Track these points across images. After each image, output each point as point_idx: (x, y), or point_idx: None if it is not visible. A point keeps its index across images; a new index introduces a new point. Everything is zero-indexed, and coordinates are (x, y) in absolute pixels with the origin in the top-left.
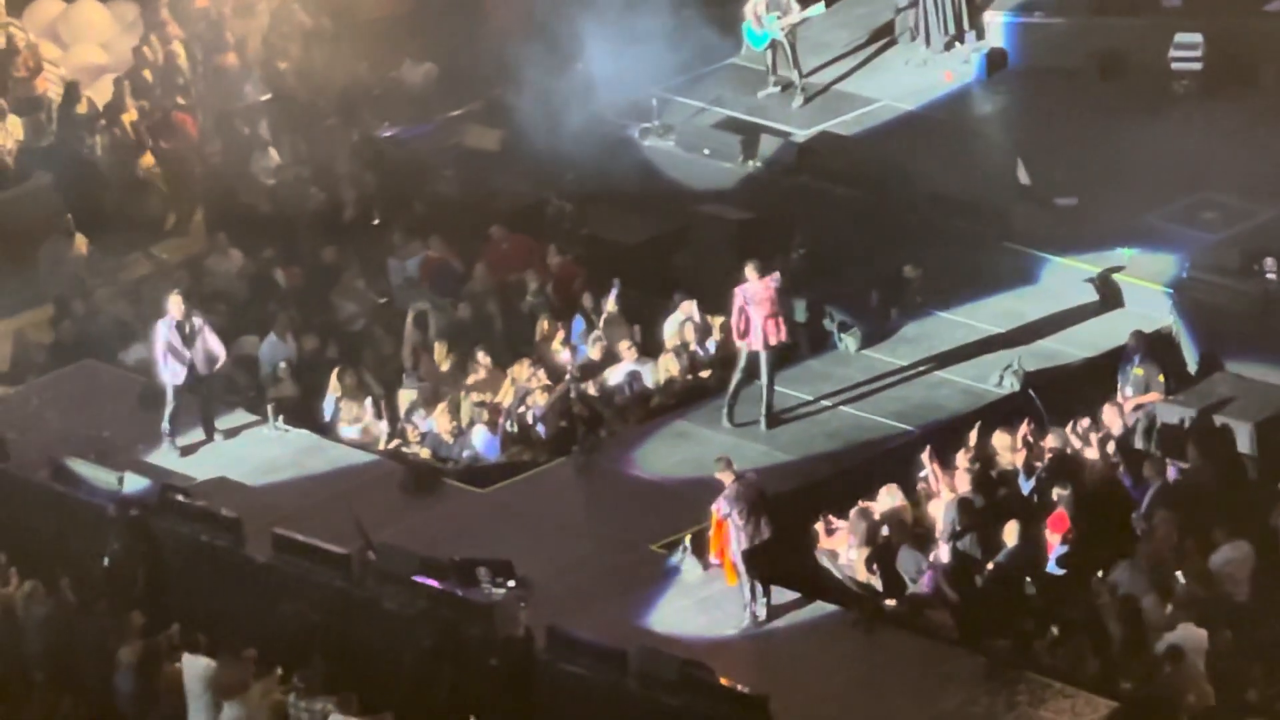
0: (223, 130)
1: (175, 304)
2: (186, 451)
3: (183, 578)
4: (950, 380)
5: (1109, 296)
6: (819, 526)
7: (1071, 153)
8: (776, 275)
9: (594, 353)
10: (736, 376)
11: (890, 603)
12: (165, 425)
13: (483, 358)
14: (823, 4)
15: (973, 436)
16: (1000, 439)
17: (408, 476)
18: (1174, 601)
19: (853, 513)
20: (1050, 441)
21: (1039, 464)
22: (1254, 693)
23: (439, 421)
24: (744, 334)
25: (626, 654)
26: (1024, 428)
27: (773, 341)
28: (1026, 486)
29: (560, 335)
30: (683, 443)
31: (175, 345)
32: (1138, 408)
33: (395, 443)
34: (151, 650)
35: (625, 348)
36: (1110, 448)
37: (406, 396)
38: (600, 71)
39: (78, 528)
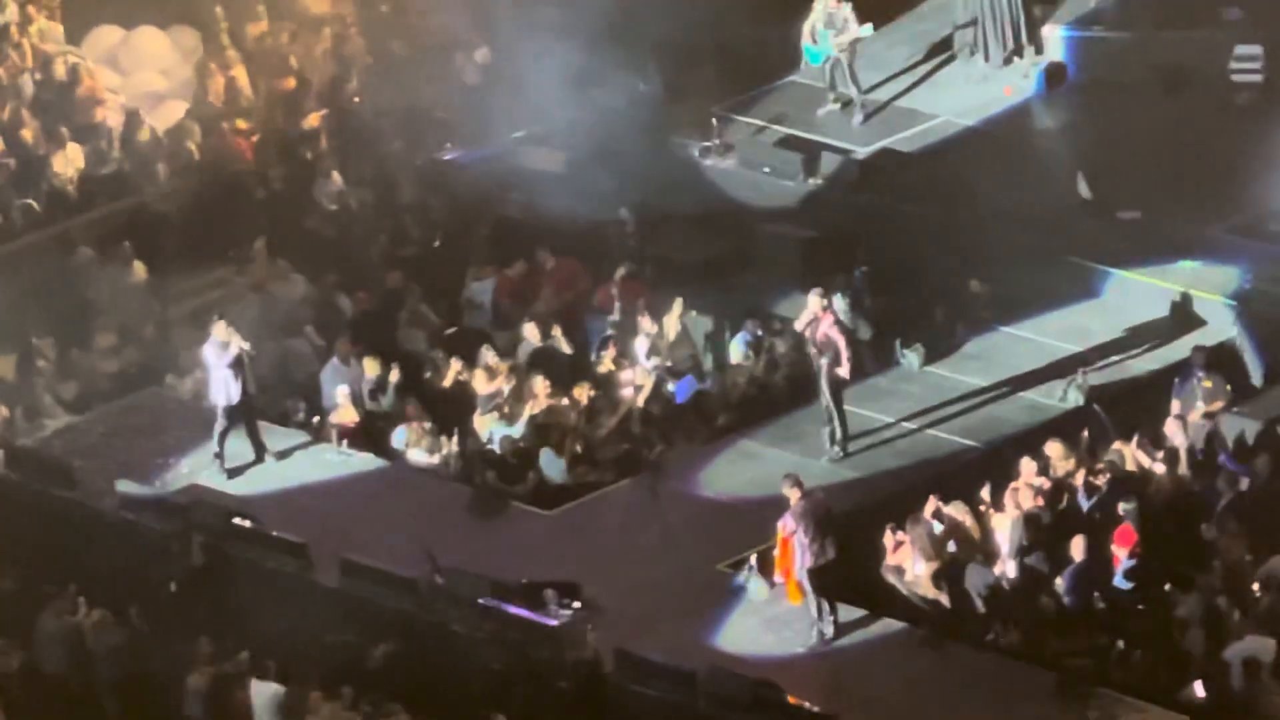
0: (285, 155)
1: (220, 329)
2: (235, 473)
3: (251, 603)
4: (1015, 395)
5: (1186, 318)
6: (887, 539)
7: (1133, 166)
8: (829, 304)
9: (655, 371)
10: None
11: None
12: (215, 447)
13: (543, 380)
14: (870, 25)
15: (1048, 449)
16: (1064, 453)
17: (475, 500)
18: (1246, 612)
19: (910, 521)
20: (1115, 456)
21: (1103, 479)
22: None
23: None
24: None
25: (695, 674)
26: (1088, 443)
27: (837, 371)
28: (1090, 502)
29: (623, 355)
30: (749, 462)
31: (222, 369)
32: (1207, 416)
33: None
34: (221, 677)
35: (687, 367)
36: (1177, 460)
37: (485, 422)
38: (661, 91)
39: (146, 555)
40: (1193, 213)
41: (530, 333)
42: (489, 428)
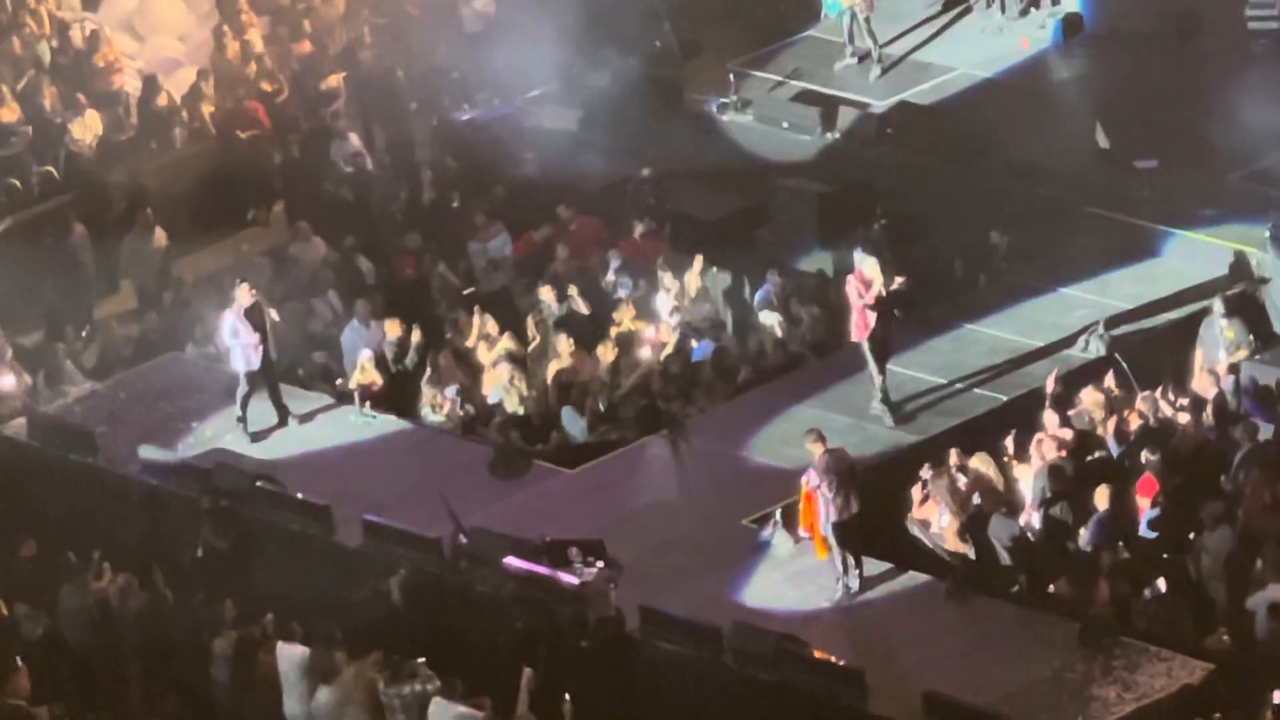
0: (302, 118)
1: (243, 292)
2: (258, 437)
3: (275, 566)
4: (1037, 346)
5: (1241, 272)
6: (918, 486)
7: (1150, 115)
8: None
9: (677, 329)
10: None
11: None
12: (238, 410)
13: (565, 339)
14: None
15: (1079, 397)
16: (1093, 403)
17: (497, 459)
18: (1268, 560)
19: (934, 474)
20: (1138, 405)
21: (1129, 428)
22: None
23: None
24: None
25: (720, 630)
26: (1112, 392)
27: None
28: (1121, 449)
29: (642, 313)
30: (771, 417)
31: (244, 332)
32: (1231, 368)
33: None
34: (246, 640)
35: (709, 324)
36: (1201, 408)
37: (494, 378)
38: (677, 48)
39: (169, 520)
40: (1211, 161)
41: (546, 295)
42: (494, 385)
